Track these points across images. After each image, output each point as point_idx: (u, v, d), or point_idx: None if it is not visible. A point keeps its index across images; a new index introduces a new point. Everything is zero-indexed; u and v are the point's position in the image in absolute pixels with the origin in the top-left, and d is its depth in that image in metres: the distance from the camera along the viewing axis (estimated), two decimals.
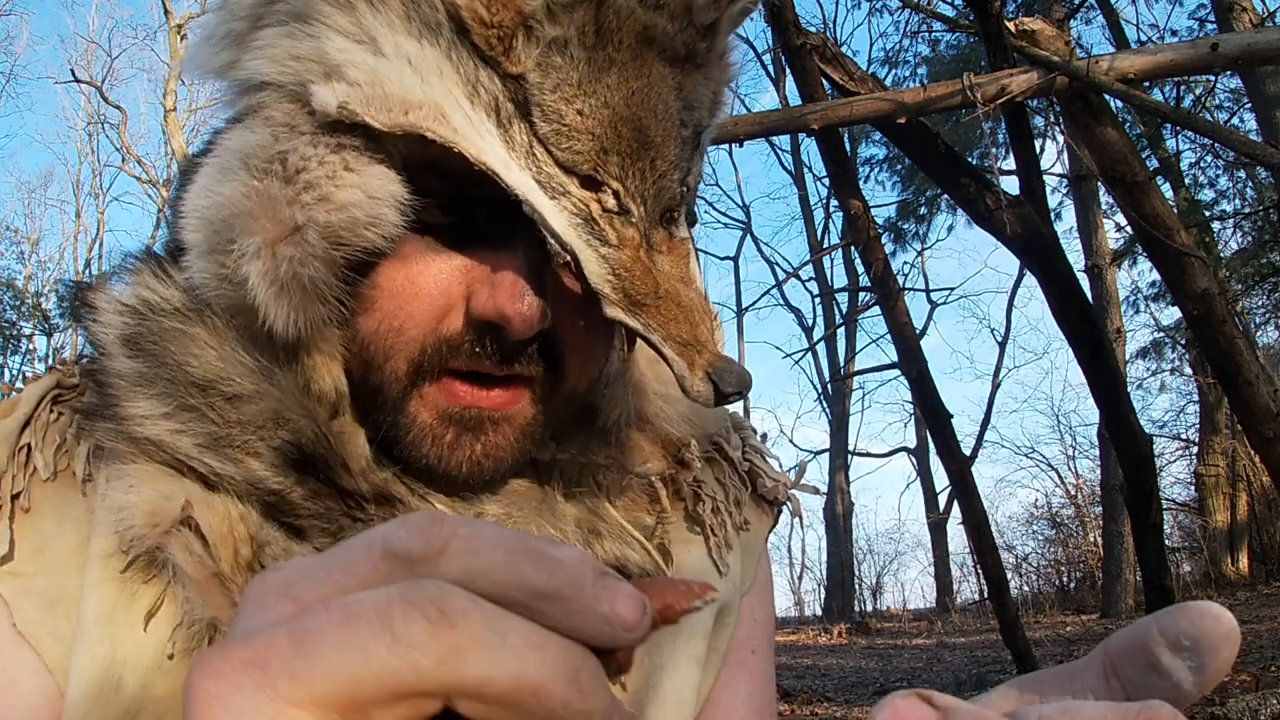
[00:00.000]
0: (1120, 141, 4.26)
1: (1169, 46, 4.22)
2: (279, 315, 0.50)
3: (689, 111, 0.56)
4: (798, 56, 4.49)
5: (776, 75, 17.02)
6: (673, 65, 0.54)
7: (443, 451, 0.55)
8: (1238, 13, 7.45)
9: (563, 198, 0.51)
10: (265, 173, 0.49)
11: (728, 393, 0.53)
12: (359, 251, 0.50)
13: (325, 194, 0.48)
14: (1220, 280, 5.46)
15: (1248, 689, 4.86)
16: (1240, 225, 11.31)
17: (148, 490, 0.52)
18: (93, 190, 21.44)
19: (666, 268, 0.55)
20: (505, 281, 0.52)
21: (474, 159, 0.48)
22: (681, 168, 0.56)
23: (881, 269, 5.47)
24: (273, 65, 0.51)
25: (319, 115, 0.50)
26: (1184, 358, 14.16)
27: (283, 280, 0.49)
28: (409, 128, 0.48)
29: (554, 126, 0.50)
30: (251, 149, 0.51)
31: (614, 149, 0.51)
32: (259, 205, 0.49)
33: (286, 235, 0.49)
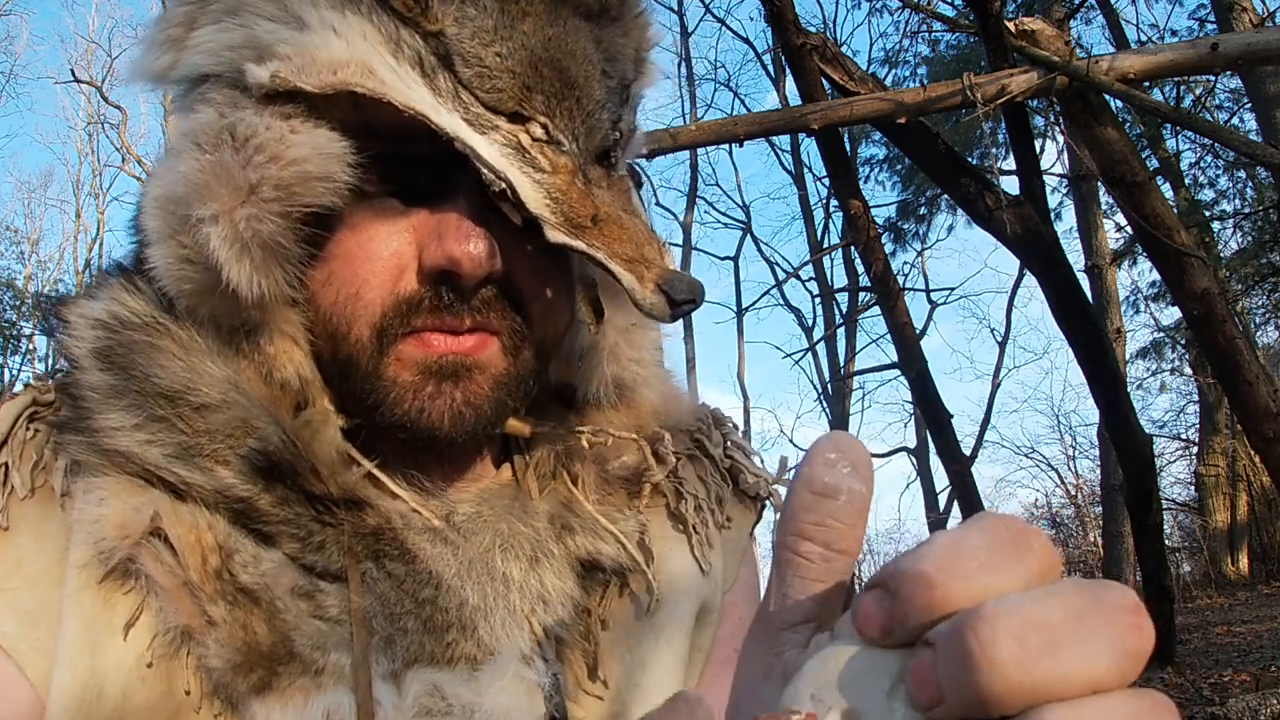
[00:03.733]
0: (1120, 141, 4.26)
1: (1169, 46, 4.22)
2: (241, 276, 0.51)
3: (611, 63, 0.58)
4: (798, 56, 4.49)
5: (776, 75, 17.03)
6: (588, 20, 0.57)
7: (424, 403, 0.55)
8: (1238, 13, 7.45)
9: (492, 131, 0.53)
10: (216, 146, 0.51)
11: (680, 300, 0.53)
12: (311, 210, 0.51)
13: (276, 154, 0.50)
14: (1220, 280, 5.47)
15: (1248, 689, 4.86)
16: (1240, 225, 11.31)
17: (117, 502, 0.52)
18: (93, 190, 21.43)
19: (607, 199, 0.56)
20: (450, 228, 0.53)
21: (402, 105, 0.50)
22: (610, 110, 0.57)
23: (881, 269, 5.48)
24: (209, 58, 0.54)
25: (255, 89, 0.52)
26: (1184, 358, 14.17)
27: (243, 239, 0.50)
28: (338, 85, 0.50)
29: (475, 70, 0.52)
30: (199, 129, 0.52)
31: (537, 87, 0.53)
32: (213, 175, 0.51)
33: (243, 198, 0.50)
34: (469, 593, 0.55)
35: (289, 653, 0.50)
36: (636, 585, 0.64)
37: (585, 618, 0.61)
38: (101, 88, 18.92)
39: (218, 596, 0.51)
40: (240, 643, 0.50)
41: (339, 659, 0.51)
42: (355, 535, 0.54)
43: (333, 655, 0.51)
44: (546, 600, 0.58)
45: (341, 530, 0.54)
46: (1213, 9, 8.56)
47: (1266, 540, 12.73)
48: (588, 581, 0.62)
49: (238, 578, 0.52)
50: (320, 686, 0.50)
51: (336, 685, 0.50)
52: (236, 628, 0.51)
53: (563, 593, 0.59)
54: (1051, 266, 4.66)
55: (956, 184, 4.77)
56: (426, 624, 0.53)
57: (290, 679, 0.50)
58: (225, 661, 0.49)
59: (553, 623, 0.58)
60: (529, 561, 0.59)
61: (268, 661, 0.50)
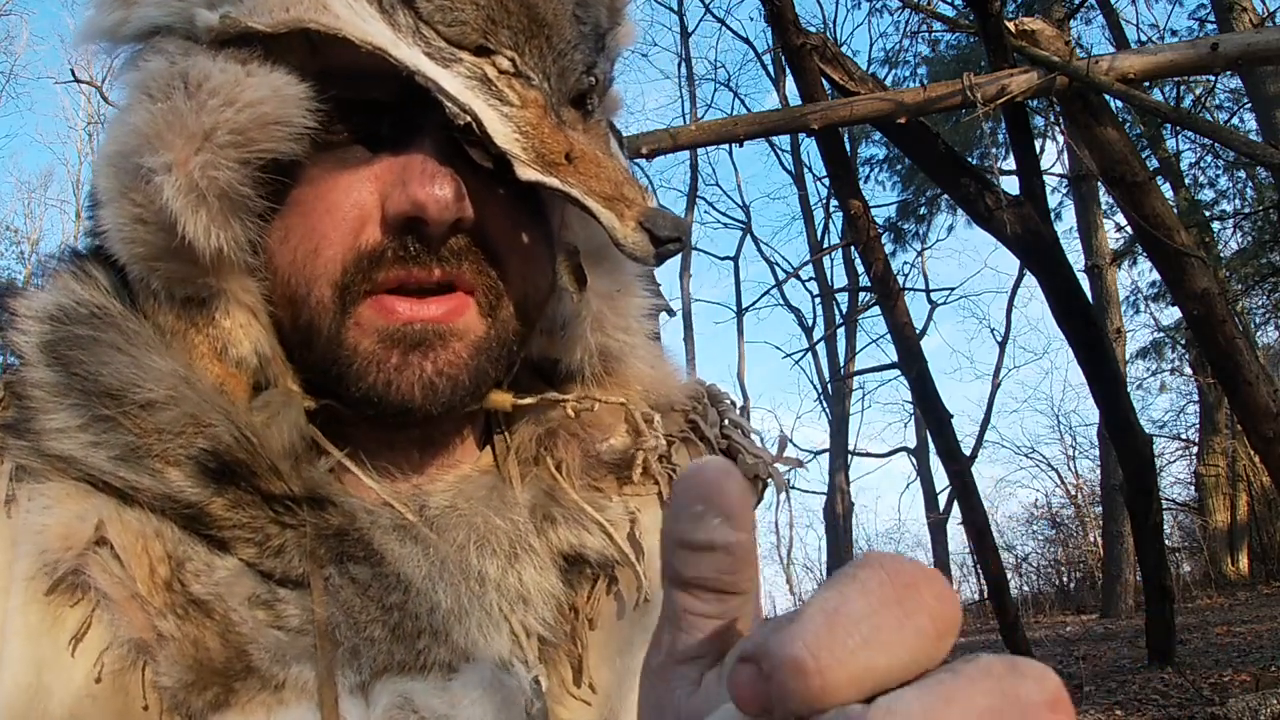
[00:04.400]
0: (1120, 141, 4.26)
1: (1169, 46, 4.22)
2: (197, 227, 0.48)
3: (584, 8, 0.54)
4: (798, 56, 4.49)
5: (776, 75, 17.02)
6: None
7: (390, 375, 0.51)
8: (1238, 13, 7.45)
9: (455, 64, 0.50)
10: (167, 94, 0.49)
11: (663, 237, 0.51)
12: (270, 157, 0.49)
13: (231, 97, 0.47)
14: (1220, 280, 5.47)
15: (1248, 689, 4.86)
16: (1240, 225, 11.31)
17: (61, 510, 0.49)
18: None
19: (582, 140, 0.53)
20: (414, 171, 0.50)
21: (359, 40, 0.47)
22: (584, 52, 0.54)
23: (881, 269, 5.48)
24: (159, 9, 0.51)
25: (206, 34, 0.49)
26: (1184, 358, 14.16)
27: (199, 189, 0.48)
28: (291, 23, 0.48)
29: (436, 3, 0.49)
30: (149, 77, 0.50)
31: (503, 22, 0.50)
32: (165, 124, 0.48)
33: (198, 146, 0.47)
34: (441, 595, 0.51)
35: (245, 667, 0.47)
36: (625, 580, 0.59)
37: (571, 617, 0.57)
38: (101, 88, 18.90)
39: (167, 610, 0.47)
40: (191, 659, 0.47)
41: (301, 671, 0.47)
42: (317, 537, 0.50)
43: (294, 668, 0.47)
44: (527, 599, 0.54)
45: (303, 532, 0.50)
46: (1213, 9, 8.56)
47: (1266, 540, 12.72)
48: (573, 576, 0.57)
49: (189, 588, 0.48)
50: (282, 701, 0.47)
51: (299, 700, 0.47)
52: (187, 644, 0.47)
53: (544, 590, 0.55)
54: (1051, 266, 4.66)
55: (956, 184, 4.76)
56: (395, 631, 0.49)
57: (249, 694, 0.46)
58: (176, 680, 0.46)
59: (535, 622, 0.54)
60: (507, 558, 0.54)
61: (222, 678, 0.46)
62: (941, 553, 18.73)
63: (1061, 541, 17.49)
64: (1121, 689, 5.81)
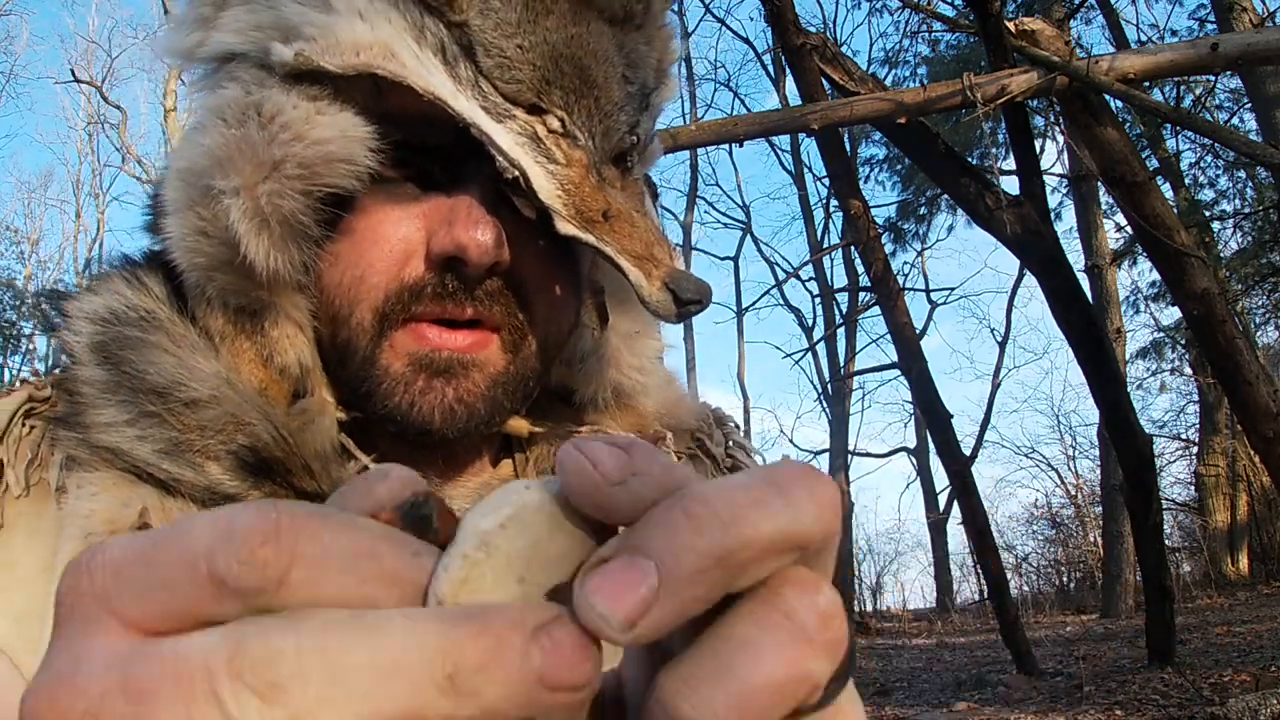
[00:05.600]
0: (1120, 141, 4.26)
1: (1169, 46, 4.22)
2: (259, 250, 0.51)
3: (632, 69, 0.58)
4: (798, 56, 4.49)
5: (776, 75, 17.02)
6: (612, 24, 0.57)
7: (414, 398, 0.55)
8: (1238, 13, 7.45)
9: (508, 120, 0.53)
10: (241, 121, 0.52)
11: (686, 300, 0.53)
12: (331, 190, 0.52)
13: (300, 133, 0.51)
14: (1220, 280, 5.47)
15: (1248, 689, 4.86)
16: (1240, 225, 11.31)
17: (107, 497, 0.52)
18: (93, 190, 21.43)
19: (620, 198, 0.56)
20: (460, 214, 0.53)
21: (421, 89, 0.51)
22: (629, 113, 0.58)
23: (881, 269, 5.48)
24: (237, 36, 0.55)
25: (279, 68, 0.52)
26: (1184, 358, 14.16)
27: (263, 214, 0.51)
28: (360, 67, 0.51)
29: (496, 60, 0.53)
30: (224, 104, 0.53)
31: (556, 82, 0.54)
32: (238, 150, 0.51)
33: (266, 174, 0.51)
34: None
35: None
36: None
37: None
38: (101, 88, 18.92)
39: None
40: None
41: None
42: None
43: None
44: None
45: None
46: (1213, 9, 8.57)
47: (1266, 540, 12.73)
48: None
49: None
50: None
51: None
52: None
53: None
54: (1051, 266, 4.66)
55: (956, 184, 4.77)
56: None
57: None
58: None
59: None
60: None
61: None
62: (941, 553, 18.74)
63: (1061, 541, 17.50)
64: (1121, 689, 5.81)
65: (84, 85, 19.11)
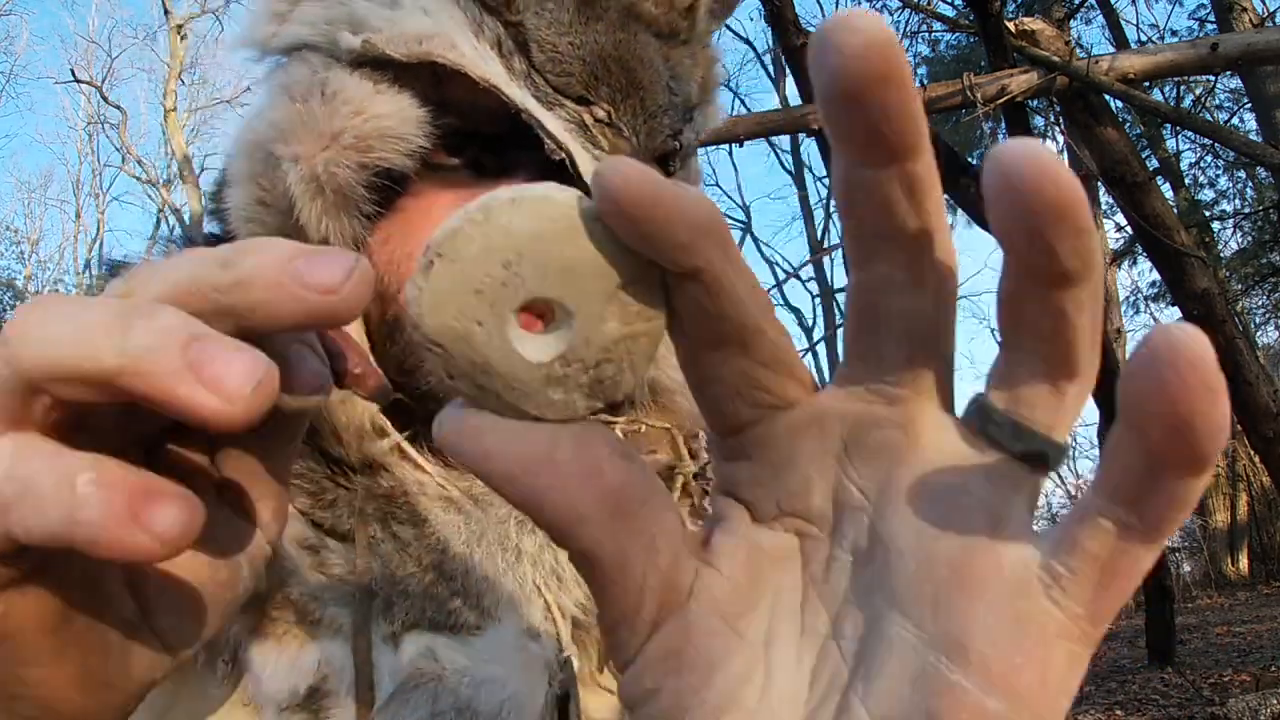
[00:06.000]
0: (1120, 141, 4.26)
1: (1169, 46, 4.22)
2: (311, 214, 0.54)
3: (676, 81, 0.62)
4: (797, 56, 4.49)
5: (776, 75, 17.03)
6: (659, 38, 0.61)
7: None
8: (1238, 13, 7.45)
9: (557, 108, 0.57)
10: (306, 97, 0.55)
11: None
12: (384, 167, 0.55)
13: (360, 108, 0.54)
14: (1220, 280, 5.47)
15: (1248, 689, 4.87)
16: (1240, 225, 11.31)
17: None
18: (93, 190, 21.42)
19: None
20: None
21: (479, 77, 0.54)
22: (671, 118, 0.61)
23: None
24: (309, 29, 0.58)
25: (346, 54, 0.56)
26: None
27: (320, 181, 0.54)
28: (423, 55, 0.54)
29: (549, 54, 0.57)
30: (292, 82, 0.57)
31: (604, 79, 0.58)
32: (300, 122, 0.54)
33: (325, 144, 0.54)
34: (476, 561, 0.54)
35: (285, 599, 0.50)
36: None
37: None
38: (101, 88, 18.91)
39: None
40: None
41: (337, 613, 0.50)
42: (367, 497, 0.54)
43: (331, 609, 0.51)
44: (560, 577, 0.57)
45: (354, 493, 0.54)
46: (1213, 9, 8.56)
47: (1266, 540, 12.72)
48: None
49: None
50: (315, 637, 0.50)
51: (333, 638, 0.50)
52: None
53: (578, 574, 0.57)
54: None
55: (956, 184, 4.76)
56: (429, 589, 0.53)
57: (285, 626, 0.49)
58: None
59: (568, 602, 0.56)
60: (545, 538, 0.57)
61: (259, 601, 0.49)
62: None
63: None
64: (1121, 689, 5.81)
65: (84, 85, 19.10)
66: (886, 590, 0.23)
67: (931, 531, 0.22)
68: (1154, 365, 0.19)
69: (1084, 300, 0.21)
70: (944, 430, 0.24)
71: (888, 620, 0.22)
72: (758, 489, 0.25)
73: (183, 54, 16.02)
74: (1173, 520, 0.20)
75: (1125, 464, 0.20)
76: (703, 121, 0.66)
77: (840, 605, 0.24)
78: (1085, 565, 0.21)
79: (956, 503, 0.22)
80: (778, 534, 0.25)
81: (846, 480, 0.24)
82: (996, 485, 0.22)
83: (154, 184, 19.03)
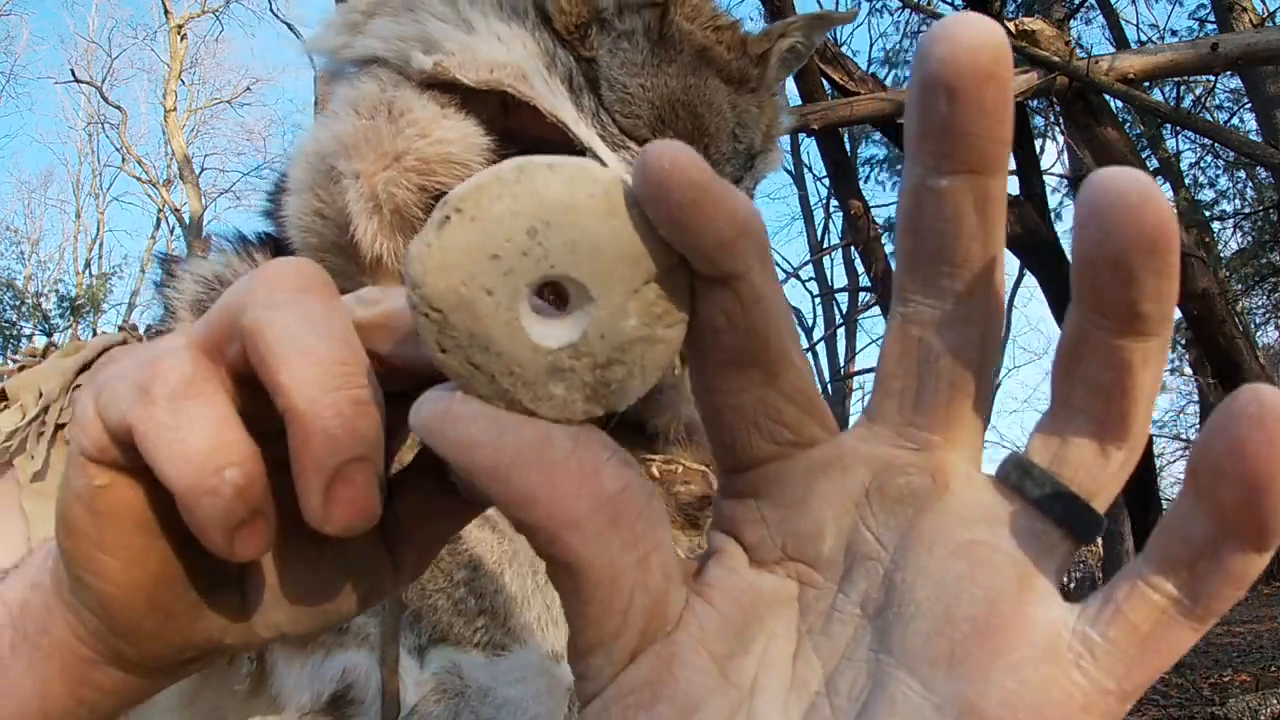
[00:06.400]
0: (1120, 141, 4.26)
1: (1169, 46, 4.22)
2: (367, 231, 0.54)
3: (742, 129, 0.62)
4: None
5: None
6: (727, 83, 0.61)
7: None
8: (1238, 13, 7.44)
9: (623, 150, 0.57)
10: (373, 114, 0.55)
11: None
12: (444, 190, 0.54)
13: (425, 130, 0.54)
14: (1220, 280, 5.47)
15: (1248, 689, 4.86)
16: (1240, 225, 11.30)
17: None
18: (93, 190, 21.40)
19: None
20: None
21: (547, 111, 0.54)
22: (735, 166, 0.61)
23: (881, 269, 5.48)
24: (381, 43, 0.58)
25: (417, 74, 0.56)
26: (1184, 358, 14.15)
27: (378, 199, 0.53)
28: (493, 84, 0.54)
29: (618, 95, 0.57)
30: (360, 97, 0.57)
31: (671, 124, 0.58)
32: (365, 139, 0.54)
33: (387, 164, 0.54)
34: (507, 580, 0.54)
35: None
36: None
37: None
38: (101, 88, 18.91)
39: None
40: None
41: (365, 623, 0.51)
42: None
43: (359, 619, 0.51)
44: None
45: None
46: (1213, 9, 8.56)
47: None
48: None
49: None
50: (343, 645, 0.50)
51: (359, 647, 0.50)
52: None
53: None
54: (1051, 267, 4.66)
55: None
56: (458, 605, 0.53)
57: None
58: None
59: None
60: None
61: None
62: None
63: None
64: None
65: (84, 85, 19.10)
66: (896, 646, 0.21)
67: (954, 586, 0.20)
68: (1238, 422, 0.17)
69: (1150, 356, 0.20)
70: (975, 484, 0.22)
71: (893, 679, 0.20)
72: (763, 529, 0.24)
73: (183, 54, 16.02)
74: (1225, 599, 0.19)
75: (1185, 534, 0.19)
76: (763, 168, 0.66)
77: (839, 661, 0.22)
78: (1124, 637, 0.19)
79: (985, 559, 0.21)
80: (777, 578, 0.23)
81: (864, 528, 0.22)
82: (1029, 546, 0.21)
83: (154, 184, 19.01)
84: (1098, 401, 0.21)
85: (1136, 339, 0.20)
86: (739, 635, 0.23)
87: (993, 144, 0.20)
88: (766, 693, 0.22)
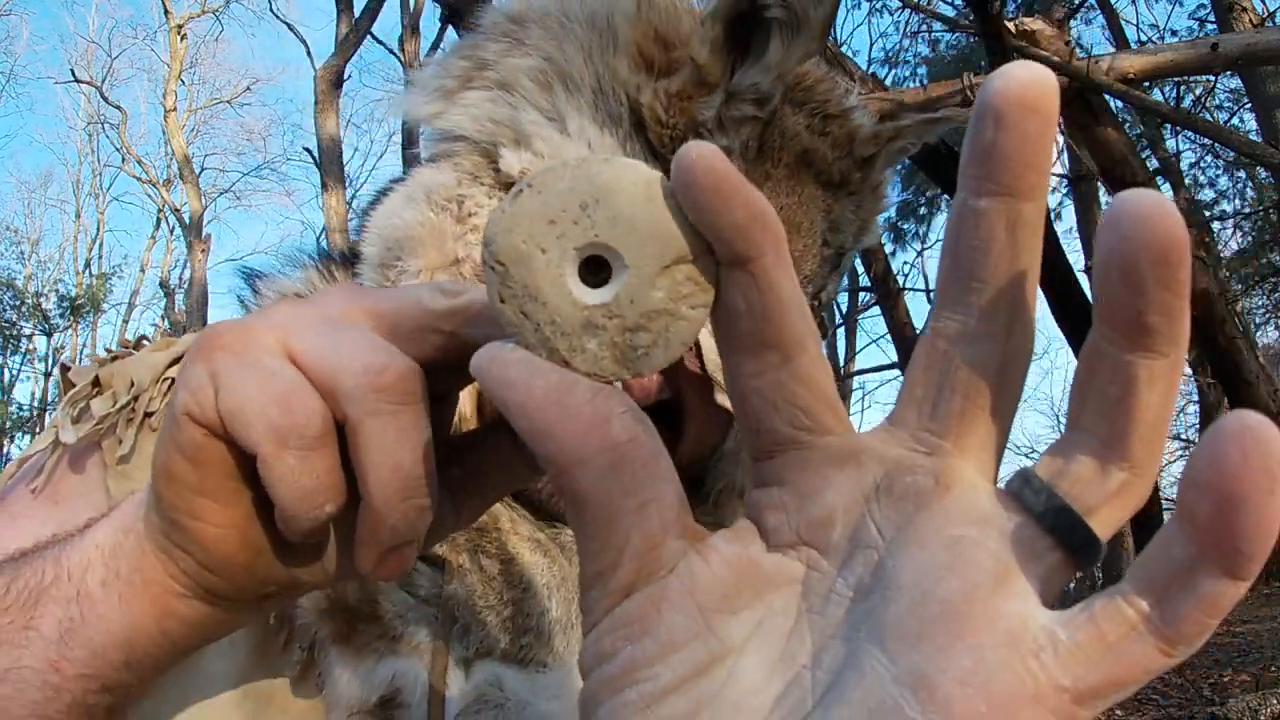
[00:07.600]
0: (1120, 141, 4.26)
1: (1169, 46, 4.23)
2: None
3: (833, 233, 0.60)
4: None
5: None
6: (825, 188, 0.59)
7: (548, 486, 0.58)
8: (1238, 13, 7.44)
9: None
10: (443, 209, 0.56)
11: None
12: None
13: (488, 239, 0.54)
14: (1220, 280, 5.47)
15: (1248, 689, 4.86)
16: (1240, 225, 11.31)
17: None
18: (93, 190, 21.43)
19: None
20: None
21: None
22: (816, 283, 0.60)
23: (881, 269, 5.48)
24: (472, 123, 0.57)
25: (502, 175, 0.56)
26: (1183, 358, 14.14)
27: None
28: None
29: None
30: (436, 186, 0.57)
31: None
32: (430, 235, 0.55)
33: (446, 265, 0.55)
34: (553, 603, 0.56)
35: (372, 613, 0.52)
36: None
37: None
38: (101, 88, 18.91)
39: None
40: (330, 591, 0.52)
41: (417, 632, 0.52)
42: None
43: (412, 628, 0.52)
44: None
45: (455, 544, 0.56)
46: (1213, 9, 8.55)
47: None
48: None
49: None
50: (395, 652, 0.51)
51: (410, 655, 0.51)
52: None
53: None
54: (1051, 266, 4.66)
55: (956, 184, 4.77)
56: (505, 622, 0.54)
57: (368, 638, 0.51)
58: (312, 603, 0.51)
59: None
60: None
61: (349, 615, 0.51)
62: None
63: None
64: None
65: (84, 85, 19.11)
66: (874, 625, 0.23)
67: (935, 574, 0.22)
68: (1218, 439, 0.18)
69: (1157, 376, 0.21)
70: (977, 489, 0.24)
71: (865, 654, 0.22)
72: (782, 515, 0.26)
73: (183, 54, 16.02)
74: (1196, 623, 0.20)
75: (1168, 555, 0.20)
76: (850, 259, 0.65)
77: (827, 639, 0.24)
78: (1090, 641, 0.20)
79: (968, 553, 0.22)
80: (787, 560, 0.26)
81: (869, 519, 0.24)
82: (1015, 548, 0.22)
83: (154, 184, 19.02)
84: (1102, 421, 0.22)
85: (1144, 355, 0.20)
86: (730, 597, 0.25)
87: (1029, 170, 0.21)
88: (754, 656, 0.24)
